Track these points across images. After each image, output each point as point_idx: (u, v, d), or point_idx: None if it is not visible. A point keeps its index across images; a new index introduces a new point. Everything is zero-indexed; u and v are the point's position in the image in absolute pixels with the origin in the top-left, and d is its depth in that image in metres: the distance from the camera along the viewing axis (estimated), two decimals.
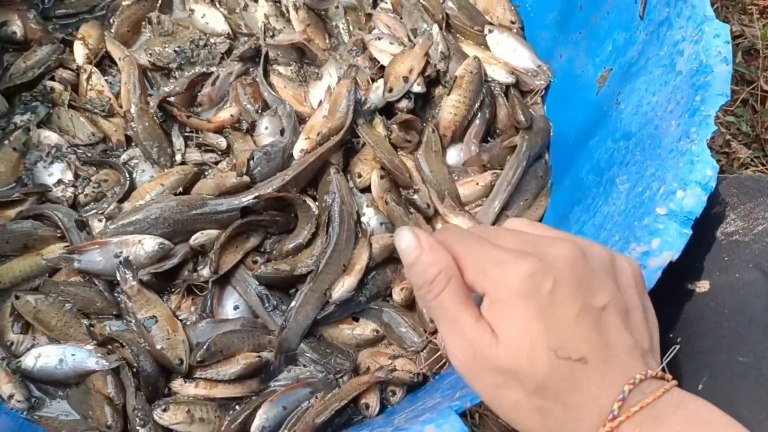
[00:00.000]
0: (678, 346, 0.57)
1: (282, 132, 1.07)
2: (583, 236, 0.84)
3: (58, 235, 0.98)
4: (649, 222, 0.66)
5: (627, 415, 0.46)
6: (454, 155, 1.11)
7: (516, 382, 0.48)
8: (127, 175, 1.03)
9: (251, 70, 1.14)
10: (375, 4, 1.20)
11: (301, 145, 1.04)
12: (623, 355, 0.48)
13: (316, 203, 1.02)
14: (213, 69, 1.12)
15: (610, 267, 0.52)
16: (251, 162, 1.02)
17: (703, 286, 0.69)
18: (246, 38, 1.16)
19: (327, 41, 1.17)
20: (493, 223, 1.04)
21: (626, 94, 0.90)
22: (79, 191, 1.01)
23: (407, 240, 0.52)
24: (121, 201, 1.02)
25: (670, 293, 0.69)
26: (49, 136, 1.03)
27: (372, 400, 0.92)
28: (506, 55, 1.14)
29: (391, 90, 1.06)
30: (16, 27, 1.10)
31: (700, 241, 0.69)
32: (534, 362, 0.47)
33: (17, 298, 0.93)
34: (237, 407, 0.93)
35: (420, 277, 0.51)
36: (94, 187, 1.01)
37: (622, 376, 0.47)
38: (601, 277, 0.50)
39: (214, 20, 1.15)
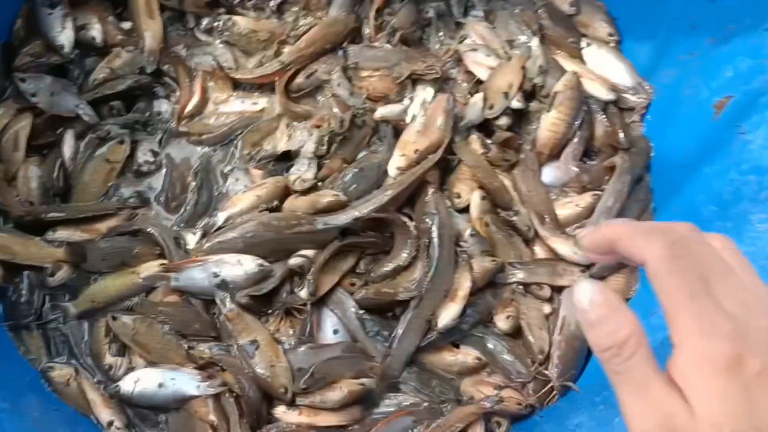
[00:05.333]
0: None
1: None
2: None
3: (157, 252, 0.94)
4: None
5: None
6: (549, 174, 1.07)
7: None
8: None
9: None
10: (466, 12, 1.15)
11: (397, 162, 1.00)
12: None
13: (414, 223, 0.99)
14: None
15: None
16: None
17: None
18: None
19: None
20: None
21: (753, 124, 0.86)
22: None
23: (591, 295, 0.47)
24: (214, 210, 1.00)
25: None
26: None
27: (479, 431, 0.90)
28: (604, 70, 1.10)
29: (491, 107, 1.02)
30: (96, 31, 1.05)
31: None
32: None
33: (114, 319, 0.90)
34: None
35: (606, 339, 0.47)
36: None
37: None
38: None
39: None
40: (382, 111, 1.03)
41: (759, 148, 0.84)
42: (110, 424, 0.86)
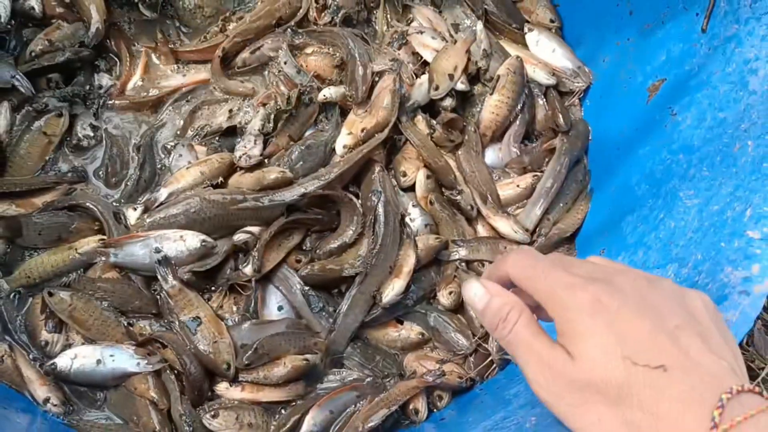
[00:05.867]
0: None
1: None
2: (646, 249, 0.86)
3: (96, 227, 0.92)
4: (742, 245, 0.66)
5: (731, 424, 0.45)
6: (492, 156, 1.10)
7: (596, 394, 0.48)
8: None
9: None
10: None
11: (344, 140, 1.01)
12: (711, 367, 0.48)
13: (360, 201, 1.00)
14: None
15: (680, 297, 0.53)
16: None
17: None
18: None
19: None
20: (535, 227, 1.04)
21: (683, 106, 0.90)
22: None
23: (475, 290, 0.57)
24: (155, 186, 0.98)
25: None
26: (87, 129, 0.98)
27: (420, 405, 0.91)
28: (546, 55, 1.13)
29: (437, 88, 1.04)
30: (34, 2, 1.01)
31: None
32: (609, 370, 0.48)
33: (51, 294, 0.88)
34: (283, 411, 0.91)
35: (493, 318, 0.55)
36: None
37: (715, 386, 0.47)
38: (670, 303, 0.52)
39: None
40: (325, 92, 1.03)
41: (688, 128, 0.88)
42: (46, 401, 0.84)
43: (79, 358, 0.86)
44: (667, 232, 0.83)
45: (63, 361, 0.86)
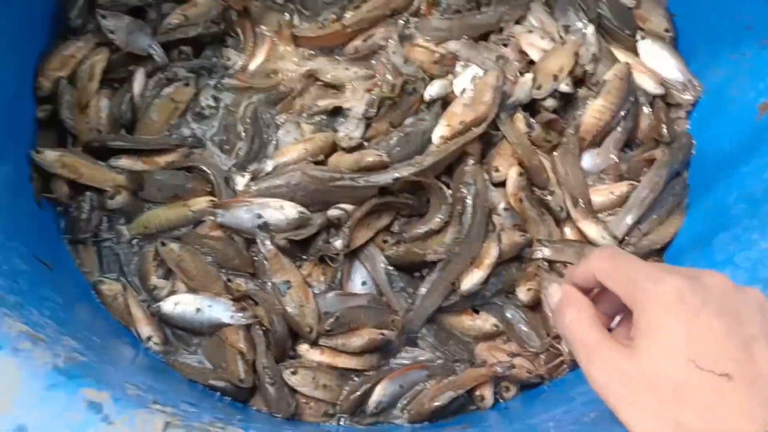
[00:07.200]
0: None
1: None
2: (735, 267, 0.84)
3: (208, 189, 1.01)
4: None
5: None
6: (589, 160, 1.10)
7: (651, 391, 0.48)
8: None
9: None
10: None
11: (442, 131, 1.04)
12: None
13: (451, 191, 1.03)
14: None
15: (765, 305, 0.52)
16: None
17: None
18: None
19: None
20: (624, 236, 1.03)
21: None
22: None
23: (555, 294, 0.72)
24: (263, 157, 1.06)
25: None
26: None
27: (487, 393, 0.94)
28: (656, 64, 1.11)
29: (539, 87, 1.05)
30: None
31: None
32: (670, 368, 0.48)
33: (163, 245, 0.97)
34: (356, 379, 0.96)
35: (556, 314, 0.58)
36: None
37: None
38: (752, 310, 0.50)
39: None
40: (430, 91, 1.07)
41: None
42: (149, 338, 0.94)
43: (181, 304, 0.95)
44: (758, 253, 0.81)
45: (167, 306, 0.95)
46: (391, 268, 1.00)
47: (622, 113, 1.07)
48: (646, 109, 1.10)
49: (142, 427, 0.50)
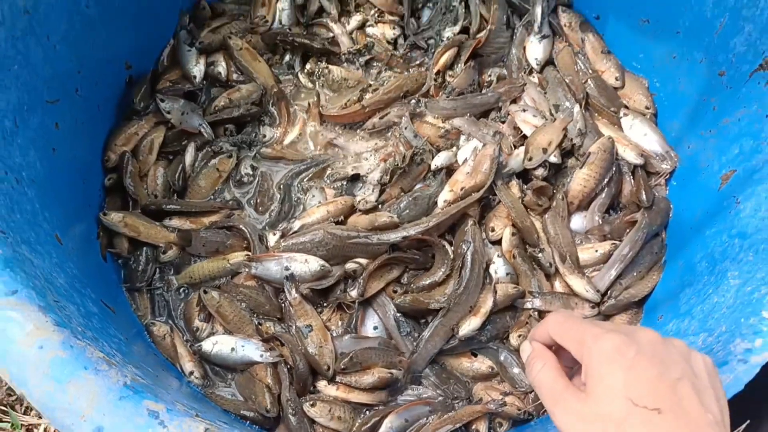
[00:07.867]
0: (749, 421, 0.69)
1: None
2: (691, 318, 0.97)
3: (244, 245, 1.19)
4: (755, 322, 0.78)
5: None
6: (578, 222, 1.24)
7: (601, 426, 0.61)
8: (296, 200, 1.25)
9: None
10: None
11: (446, 196, 1.20)
12: (698, 418, 0.60)
13: (452, 248, 1.19)
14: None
15: (686, 354, 0.66)
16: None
17: None
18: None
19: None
20: (607, 290, 1.16)
21: (746, 196, 1.00)
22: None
23: (524, 346, 0.78)
24: (292, 217, 1.24)
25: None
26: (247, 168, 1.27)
27: (482, 427, 1.07)
28: (637, 137, 1.26)
29: (531, 159, 1.21)
30: (221, 68, 1.33)
31: None
32: (613, 407, 0.61)
33: (206, 292, 1.14)
34: (367, 412, 1.10)
35: (527, 366, 0.74)
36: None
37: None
38: (677, 358, 0.65)
39: None
40: (437, 162, 1.24)
41: (746, 216, 0.98)
42: (191, 373, 1.10)
43: (218, 344, 1.11)
44: (710, 307, 0.94)
45: (207, 345, 1.11)
46: (399, 314, 1.15)
47: (606, 180, 1.22)
48: (628, 177, 1.24)
49: (188, 430, 0.66)
